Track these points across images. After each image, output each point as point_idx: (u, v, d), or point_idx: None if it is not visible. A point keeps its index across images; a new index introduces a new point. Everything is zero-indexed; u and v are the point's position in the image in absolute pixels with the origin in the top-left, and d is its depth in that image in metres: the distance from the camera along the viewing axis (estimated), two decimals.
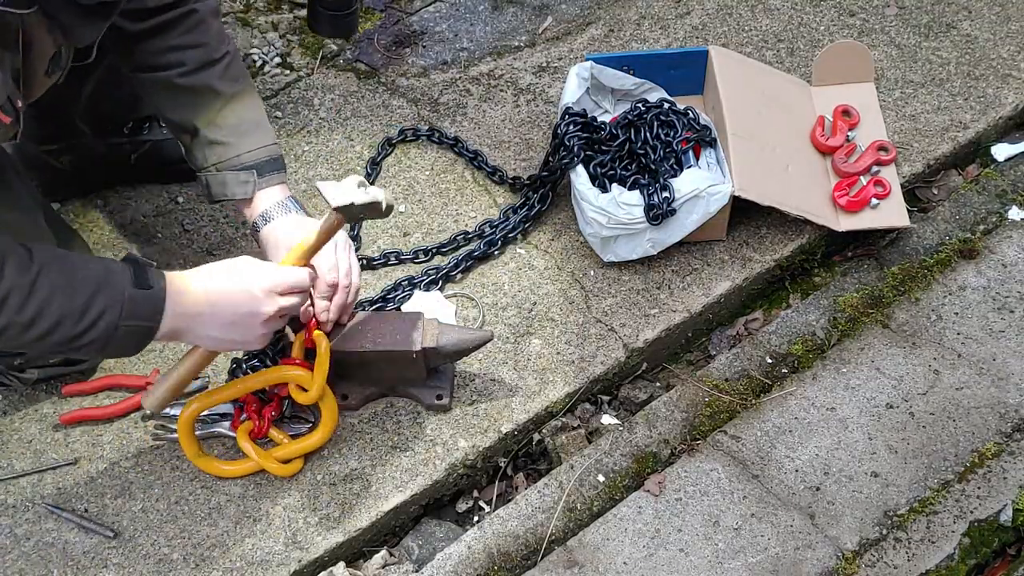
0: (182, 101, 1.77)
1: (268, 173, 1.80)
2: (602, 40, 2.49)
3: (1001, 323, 2.00)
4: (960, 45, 2.43)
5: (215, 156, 1.78)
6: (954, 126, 2.28)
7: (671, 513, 1.77)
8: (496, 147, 2.28)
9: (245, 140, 1.79)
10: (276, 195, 1.80)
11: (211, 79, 1.77)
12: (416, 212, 2.18)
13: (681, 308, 2.02)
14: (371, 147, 2.29)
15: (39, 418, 1.87)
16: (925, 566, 1.71)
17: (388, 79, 2.44)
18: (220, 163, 1.78)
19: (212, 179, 1.79)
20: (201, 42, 1.76)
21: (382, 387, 1.89)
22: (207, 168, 1.79)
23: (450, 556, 1.75)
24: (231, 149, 1.78)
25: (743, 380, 1.96)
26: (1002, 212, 2.20)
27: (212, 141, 1.78)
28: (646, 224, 1.95)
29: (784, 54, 2.42)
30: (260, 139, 1.80)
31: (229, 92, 1.78)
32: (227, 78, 1.79)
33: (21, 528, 1.76)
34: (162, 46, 1.74)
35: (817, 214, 2.06)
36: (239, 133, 1.78)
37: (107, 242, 2.13)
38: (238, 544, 1.74)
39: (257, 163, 1.79)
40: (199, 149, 1.79)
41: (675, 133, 2.07)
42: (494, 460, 1.90)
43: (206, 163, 1.79)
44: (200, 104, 1.77)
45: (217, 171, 1.79)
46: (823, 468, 1.81)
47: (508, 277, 2.07)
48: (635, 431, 1.89)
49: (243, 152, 1.78)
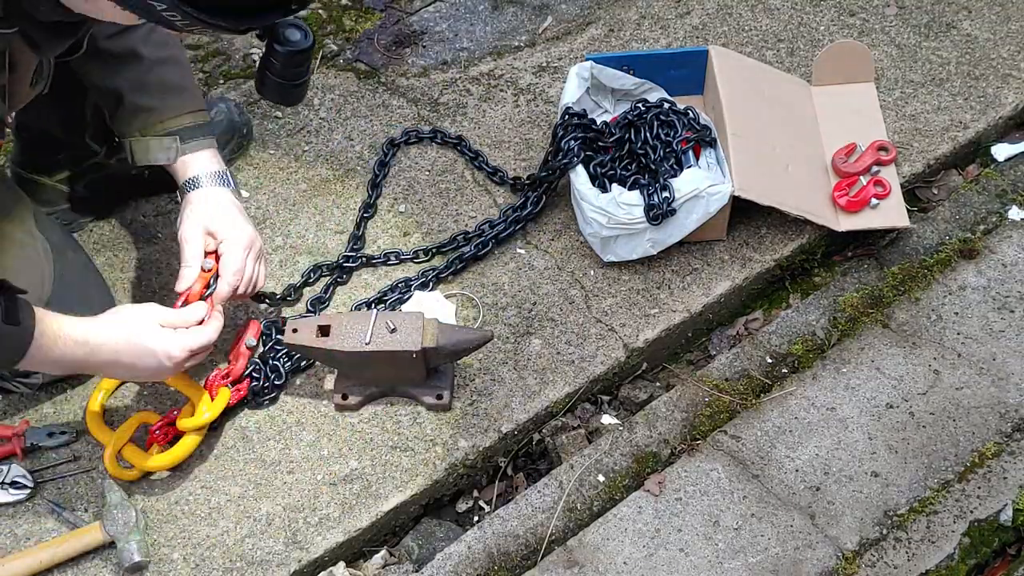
0: (107, 66, 1.75)
1: (192, 139, 1.79)
2: (602, 40, 2.49)
3: (1001, 323, 2.00)
4: (960, 45, 2.43)
5: (139, 122, 1.77)
6: (954, 126, 2.28)
7: (671, 513, 1.77)
8: (496, 147, 2.28)
9: (168, 105, 1.77)
10: (207, 163, 1.79)
11: (135, 43, 1.75)
12: (416, 212, 2.18)
13: (681, 308, 2.02)
14: (371, 147, 2.28)
15: (39, 418, 1.87)
16: (925, 566, 1.71)
17: (388, 79, 2.44)
18: (144, 128, 1.77)
19: (136, 144, 1.78)
20: None
21: (382, 387, 1.89)
22: (131, 134, 1.78)
23: (450, 556, 1.75)
24: (155, 115, 1.77)
25: (743, 380, 1.96)
26: (1002, 212, 2.20)
27: (137, 106, 1.76)
28: (646, 224, 1.95)
29: (784, 54, 2.42)
30: (186, 105, 1.79)
31: (154, 56, 1.76)
32: (152, 42, 1.77)
33: (21, 528, 1.76)
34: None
35: (817, 214, 2.06)
36: (163, 98, 1.77)
37: (107, 242, 2.13)
38: (238, 544, 1.74)
39: (180, 129, 1.78)
40: (124, 116, 1.78)
41: (675, 133, 2.07)
42: (494, 460, 1.90)
43: (130, 129, 1.78)
44: (125, 68, 1.75)
45: (140, 136, 1.77)
46: (823, 468, 1.81)
47: (508, 277, 2.07)
48: (635, 431, 1.89)
49: (167, 118, 1.77)
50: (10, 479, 1.77)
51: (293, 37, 1.43)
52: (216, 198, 1.78)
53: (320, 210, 2.18)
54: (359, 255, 2.09)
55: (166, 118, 1.77)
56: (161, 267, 2.09)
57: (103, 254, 2.10)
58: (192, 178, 1.78)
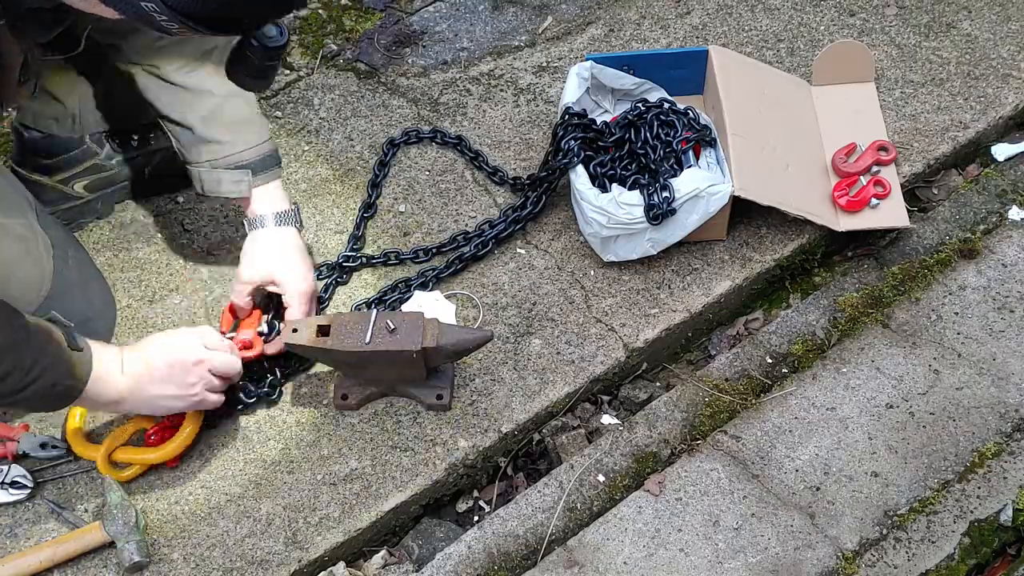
0: (175, 98, 1.78)
1: (262, 171, 1.83)
2: (602, 40, 2.49)
3: (1001, 323, 2.00)
4: (960, 45, 2.43)
5: (209, 153, 1.80)
6: (954, 126, 2.28)
7: (671, 513, 1.77)
8: (496, 147, 2.28)
9: (240, 138, 1.80)
10: (274, 201, 1.84)
11: (203, 77, 1.77)
12: (416, 212, 2.18)
13: (681, 308, 2.02)
14: (371, 147, 2.29)
15: (39, 417, 1.87)
16: (925, 566, 1.71)
17: (388, 79, 2.44)
18: (214, 160, 1.80)
19: (206, 175, 1.81)
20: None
21: (382, 387, 1.89)
22: (200, 163, 1.81)
23: (450, 556, 1.75)
24: (226, 148, 1.80)
25: (743, 380, 1.96)
26: (1002, 212, 2.20)
27: (207, 139, 1.79)
28: (646, 224, 1.95)
29: (784, 54, 2.42)
30: (254, 136, 1.82)
31: (224, 91, 1.78)
32: (220, 75, 1.77)
33: (21, 528, 1.76)
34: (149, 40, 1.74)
35: (817, 214, 2.06)
36: (234, 131, 1.80)
37: (107, 242, 2.13)
38: (238, 544, 1.74)
39: (252, 162, 1.81)
40: (193, 145, 1.80)
41: (675, 133, 2.07)
42: (494, 460, 1.90)
43: (200, 159, 1.81)
44: (195, 102, 1.78)
45: (212, 168, 1.80)
46: (823, 468, 1.81)
47: (508, 277, 2.07)
48: (635, 431, 1.89)
49: (237, 151, 1.80)
50: (10, 479, 1.77)
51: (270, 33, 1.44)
52: (280, 242, 1.85)
53: (320, 210, 2.18)
54: (359, 255, 2.09)
55: (237, 151, 1.80)
56: (161, 267, 2.09)
57: (103, 254, 2.10)
58: (260, 216, 1.84)
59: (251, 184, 1.82)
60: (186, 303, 2.03)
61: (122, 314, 2.00)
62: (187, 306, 2.02)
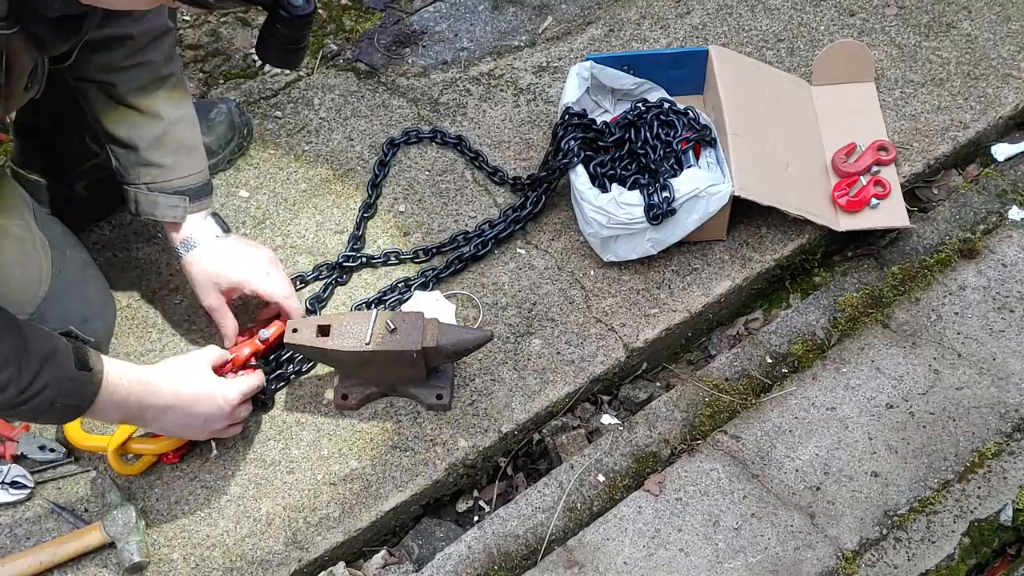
0: (125, 118, 1.78)
1: (198, 199, 1.84)
2: (602, 40, 2.49)
3: (1001, 323, 2.00)
4: (960, 45, 2.43)
5: (148, 176, 1.80)
6: (954, 126, 2.28)
7: (671, 513, 1.77)
8: (496, 147, 2.28)
9: (181, 165, 1.81)
10: (200, 222, 1.84)
11: (157, 101, 1.78)
12: (416, 212, 2.18)
13: (681, 308, 2.02)
14: (371, 147, 2.28)
15: None
16: (925, 566, 1.71)
17: (388, 79, 2.44)
18: (152, 183, 1.80)
19: (142, 197, 1.81)
20: (148, 60, 1.76)
21: (382, 387, 1.89)
22: (137, 185, 1.81)
23: (450, 556, 1.75)
24: (167, 172, 1.80)
25: (743, 380, 1.96)
26: (1002, 212, 2.20)
27: (149, 162, 1.79)
28: (646, 224, 1.95)
29: (784, 54, 2.42)
30: (195, 164, 1.83)
31: (173, 117, 1.80)
32: (172, 101, 1.80)
33: (21, 528, 1.76)
34: (111, 59, 1.74)
35: (817, 214, 2.06)
36: (176, 157, 1.81)
37: (107, 242, 2.13)
38: (238, 544, 1.74)
39: (189, 188, 1.82)
40: (134, 166, 1.80)
41: (675, 133, 2.07)
42: (494, 460, 1.90)
43: (137, 181, 1.81)
44: (144, 125, 1.78)
45: (148, 191, 1.81)
46: (823, 468, 1.81)
47: (508, 277, 2.07)
48: (635, 431, 1.89)
49: (177, 177, 1.81)
50: (10, 479, 1.77)
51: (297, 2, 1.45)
52: (219, 252, 1.84)
53: (320, 210, 2.18)
54: (359, 255, 2.09)
55: (177, 176, 1.81)
56: (161, 267, 2.09)
57: (103, 254, 2.10)
58: (186, 239, 1.83)
59: (187, 210, 1.82)
60: (186, 303, 2.03)
61: (122, 314, 2.00)
62: (187, 306, 2.02)
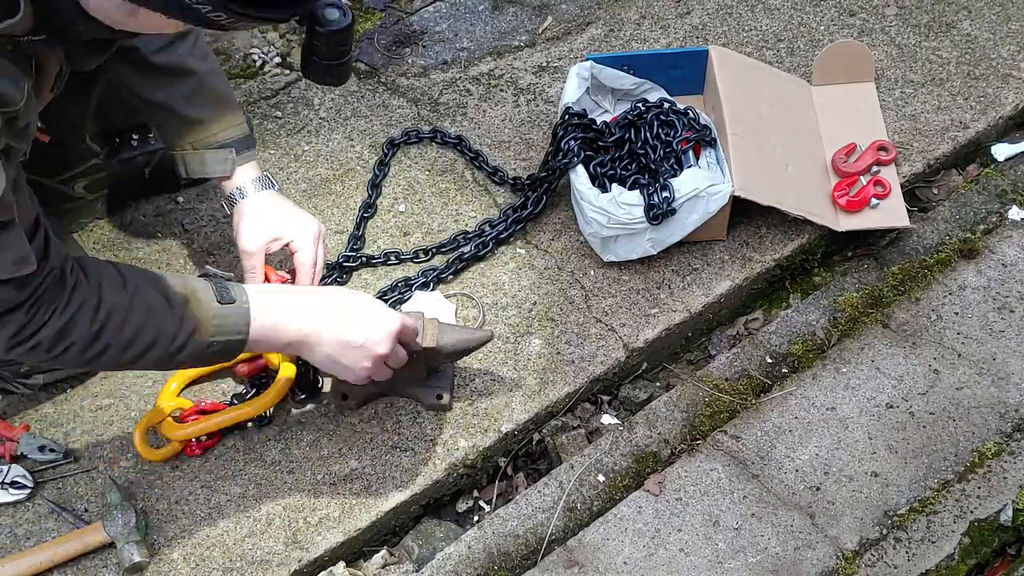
0: (158, 81, 1.78)
1: (244, 151, 1.84)
2: (602, 40, 2.49)
3: (1001, 323, 2.00)
4: (960, 45, 2.43)
5: (192, 135, 1.80)
6: (954, 126, 2.28)
7: (671, 513, 1.77)
8: (496, 147, 2.28)
9: (221, 118, 1.81)
10: (251, 172, 1.84)
11: (184, 57, 1.77)
12: (416, 212, 2.18)
13: (681, 308, 2.02)
14: (371, 147, 2.29)
15: (39, 417, 1.87)
16: (925, 566, 1.71)
17: (388, 79, 2.44)
18: (197, 141, 1.80)
19: (190, 157, 1.81)
20: None
21: (382, 387, 1.88)
22: (183, 147, 1.81)
23: (450, 556, 1.75)
24: (208, 128, 1.80)
25: (743, 380, 1.96)
26: (1002, 212, 2.20)
27: (189, 119, 1.79)
28: (646, 224, 1.95)
29: (784, 54, 2.42)
30: (234, 117, 1.83)
31: (203, 69, 1.79)
32: (197, 55, 1.79)
33: (21, 528, 1.76)
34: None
35: (817, 214, 2.06)
36: (214, 111, 1.80)
37: (107, 242, 2.13)
38: (238, 544, 1.74)
39: (234, 140, 1.82)
40: (175, 128, 1.80)
41: (675, 133, 2.07)
42: (494, 460, 1.90)
43: (182, 141, 1.81)
44: (176, 83, 1.78)
45: (194, 149, 1.80)
46: (823, 468, 1.81)
47: (508, 277, 2.07)
48: (635, 431, 1.89)
49: (220, 131, 1.80)
50: (10, 479, 1.77)
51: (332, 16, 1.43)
52: (268, 202, 1.84)
53: (320, 210, 2.18)
54: (359, 255, 2.09)
55: (219, 130, 1.81)
56: (161, 267, 2.09)
57: (103, 254, 2.10)
58: (238, 188, 1.83)
59: (235, 162, 1.82)
60: None
61: None
62: None
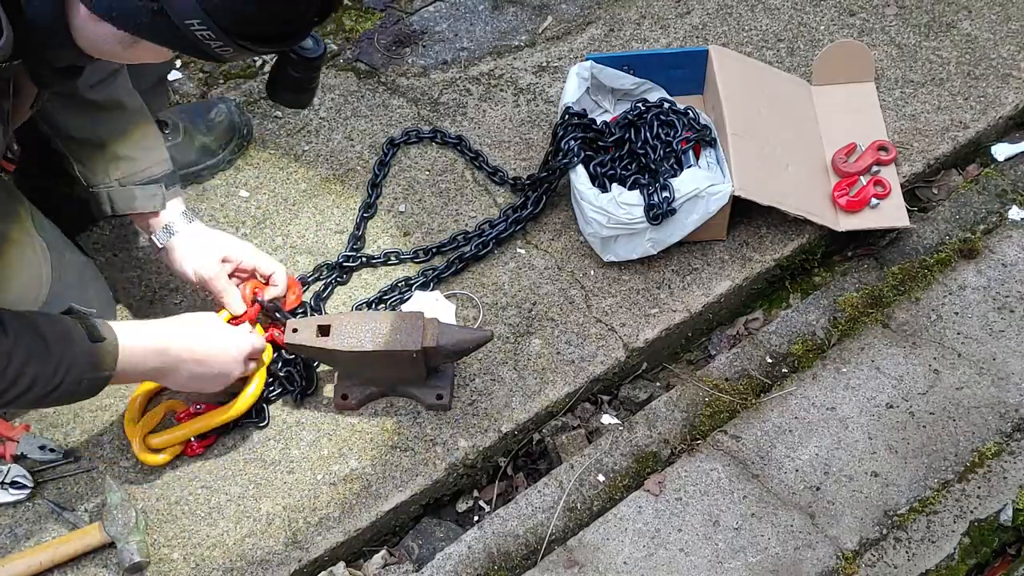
0: (90, 116, 1.77)
1: (172, 185, 1.84)
2: (602, 40, 2.49)
3: (1001, 323, 2.00)
4: (960, 45, 2.43)
5: (119, 171, 1.79)
6: (954, 126, 2.28)
7: (671, 513, 1.77)
8: (496, 147, 2.28)
9: (150, 154, 1.81)
10: (178, 206, 1.85)
11: (119, 92, 1.78)
12: (416, 212, 2.18)
13: (681, 308, 2.02)
14: (371, 147, 2.28)
15: (39, 417, 1.87)
16: (925, 566, 1.71)
17: (388, 79, 2.44)
18: (124, 177, 1.79)
19: (116, 193, 1.80)
20: None
21: (382, 387, 1.89)
22: (108, 183, 1.80)
23: (450, 556, 1.75)
24: (138, 163, 1.80)
25: (743, 380, 1.96)
26: (1002, 212, 2.20)
27: (119, 156, 1.78)
28: (646, 224, 1.95)
29: (784, 54, 2.42)
30: (161, 153, 1.83)
31: (135, 105, 1.80)
32: (129, 90, 1.80)
33: (21, 528, 1.76)
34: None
35: (817, 214, 2.06)
36: (145, 147, 1.80)
37: (107, 242, 2.13)
38: (238, 544, 1.74)
39: (162, 176, 1.82)
40: (102, 164, 1.79)
41: (675, 133, 2.07)
42: (494, 460, 1.90)
43: (108, 178, 1.80)
44: (108, 118, 1.77)
45: (121, 186, 1.79)
46: (823, 468, 1.81)
47: (508, 277, 2.07)
48: (635, 431, 1.89)
49: (148, 166, 1.80)
50: (10, 479, 1.77)
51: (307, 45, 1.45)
52: (203, 231, 1.85)
53: (320, 210, 2.18)
54: (359, 255, 2.09)
55: (148, 166, 1.80)
56: (161, 267, 2.09)
57: (103, 254, 2.10)
58: (166, 226, 1.83)
59: (165, 197, 1.81)
60: (186, 303, 2.03)
61: (122, 314, 2.00)
62: (187, 306, 2.02)
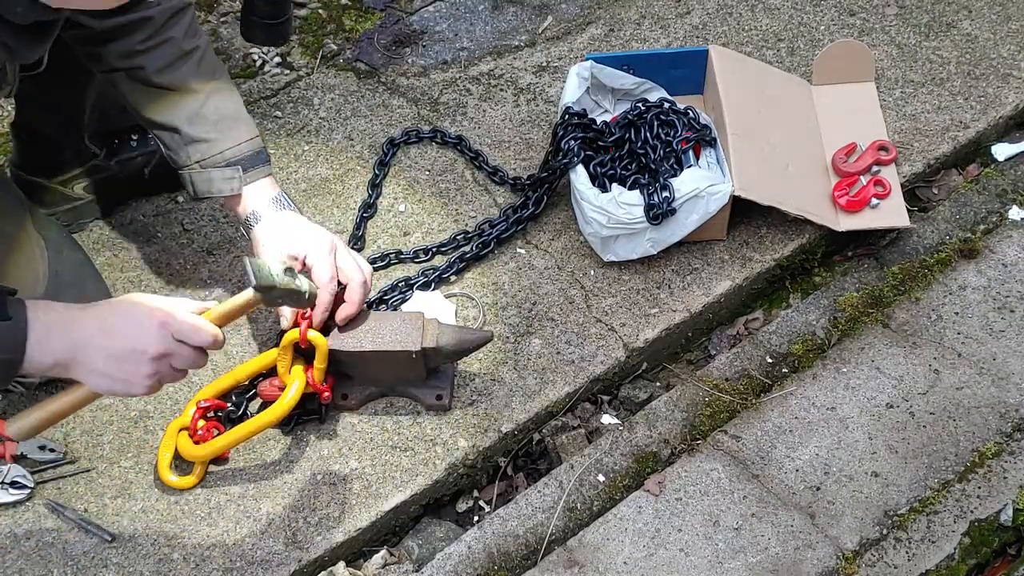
0: (160, 100, 1.76)
1: (253, 167, 1.80)
2: (602, 40, 2.49)
3: (1001, 323, 2.00)
4: (960, 45, 2.43)
5: (198, 153, 1.78)
6: (954, 126, 2.28)
7: (671, 513, 1.77)
8: (496, 147, 2.28)
9: (227, 135, 1.78)
10: (265, 191, 1.81)
11: (186, 75, 1.76)
12: (416, 212, 2.18)
13: (681, 308, 2.02)
14: (371, 147, 2.29)
15: None
16: (925, 566, 1.71)
17: (388, 79, 2.44)
18: (203, 160, 1.78)
19: (196, 176, 1.79)
20: (169, 37, 1.74)
21: (382, 387, 1.89)
22: (190, 166, 1.79)
23: (450, 556, 1.75)
24: (214, 145, 1.77)
25: (743, 380, 1.96)
26: (1002, 212, 2.20)
27: (194, 138, 1.77)
28: (646, 224, 1.95)
29: (784, 54, 2.42)
30: (242, 133, 1.80)
31: (207, 87, 1.77)
32: (202, 73, 1.78)
33: (21, 528, 1.76)
34: (131, 44, 1.72)
35: (817, 214, 2.06)
36: (221, 128, 1.78)
37: (107, 242, 2.13)
38: (238, 544, 1.74)
39: (241, 158, 1.79)
40: (181, 147, 1.78)
41: (675, 133, 2.07)
42: (494, 460, 1.90)
43: (189, 161, 1.79)
44: (179, 101, 1.76)
45: (201, 168, 1.78)
46: (823, 468, 1.81)
47: (508, 277, 2.07)
48: (635, 431, 1.89)
49: (226, 148, 1.78)
50: (10, 479, 1.77)
51: None
52: (281, 225, 1.78)
53: (320, 210, 2.18)
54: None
55: (226, 147, 1.78)
56: (161, 267, 2.09)
57: (103, 254, 2.10)
58: (252, 212, 1.79)
59: (243, 180, 1.78)
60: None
61: None
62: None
